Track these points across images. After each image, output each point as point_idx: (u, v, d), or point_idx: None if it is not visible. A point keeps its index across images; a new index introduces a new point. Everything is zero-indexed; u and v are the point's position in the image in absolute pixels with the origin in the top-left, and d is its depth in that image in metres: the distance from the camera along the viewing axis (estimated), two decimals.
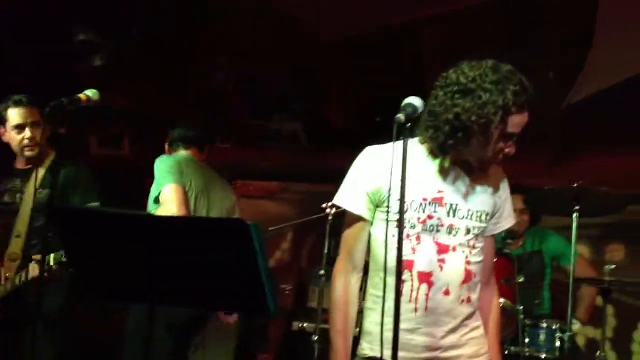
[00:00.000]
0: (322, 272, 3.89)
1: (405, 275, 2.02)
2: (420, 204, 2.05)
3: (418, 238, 2.04)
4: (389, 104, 4.66)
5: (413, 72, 4.80)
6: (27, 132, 3.29)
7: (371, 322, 2.12)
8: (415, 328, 2.04)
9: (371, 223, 2.11)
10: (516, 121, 1.99)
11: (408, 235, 2.03)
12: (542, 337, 3.95)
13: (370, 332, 2.11)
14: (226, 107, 5.42)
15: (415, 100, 1.98)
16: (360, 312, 2.24)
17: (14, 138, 3.31)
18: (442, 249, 2.05)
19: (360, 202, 2.09)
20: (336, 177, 5.23)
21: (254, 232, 1.89)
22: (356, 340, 2.21)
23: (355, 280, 2.14)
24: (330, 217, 3.86)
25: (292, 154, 5.48)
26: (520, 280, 3.71)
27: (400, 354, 1.85)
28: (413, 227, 2.04)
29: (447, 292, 2.05)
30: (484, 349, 2.15)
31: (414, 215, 2.04)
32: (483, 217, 2.11)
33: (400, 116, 1.89)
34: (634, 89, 4.47)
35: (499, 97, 1.94)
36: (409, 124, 1.92)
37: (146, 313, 2.24)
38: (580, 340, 5.03)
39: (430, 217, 2.05)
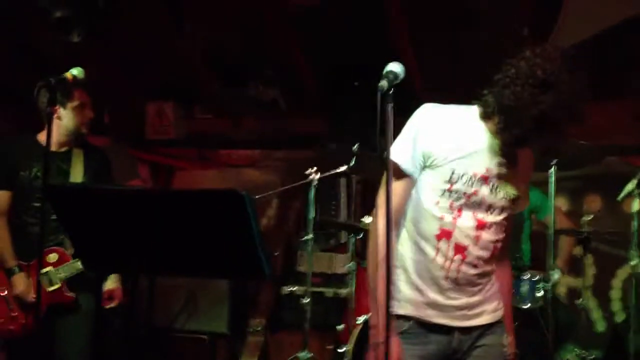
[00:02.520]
0: (309, 237, 3.96)
1: (443, 244, 2.11)
2: (470, 179, 2.10)
3: (460, 211, 2.10)
4: (362, 69, 4.73)
5: (380, 36, 4.82)
6: (89, 112, 3.35)
7: (402, 281, 2.19)
8: (444, 291, 2.14)
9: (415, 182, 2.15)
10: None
11: (452, 206, 2.10)
12: (524, 288, 4.08)
13: (401, 291, 2.18)
14: (195, 77, 5.40)
15: (396, 67, 2.03)
16: None
17: (73, 117, 3.31)
18: (480, 225, 2.13)
19: (410, 160, 2.12)
20: (316, 143, 5.29)
21: (247, 201, 1.97)
22: None
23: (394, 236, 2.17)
24: (315, 183, 3.91)
25: (271, 121, 5.49)
26: None
27: (432, 312, 2.12)
28: (458, 199, 2.10)
29: (475, 265, 2.15)
30: (500, 305, 2.28)
31: (462, 188, 2.09)
32: (514, 199, 2.18)
33: (383, 84, 1.94)
34: (606, 42, 4.54)
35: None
36: (392, 90, 1.98)
37: None
38: (562, 290, 5.21)
39: (475, 193, 2.11)
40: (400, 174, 2.14)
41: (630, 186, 3.82)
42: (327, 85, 5.11)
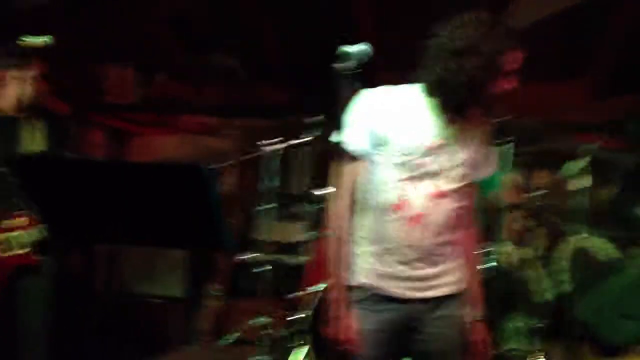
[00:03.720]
0: (270, 206, 4.03)
1: (402, 214, 2.17)
2: (422, 150, 2.18)
3: (417, 181, 2.17)
4: (325, 41, 4.74)
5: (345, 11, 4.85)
6: (45, 84, 3.31)
7: (362, 253, 2.27)
8: (408, 261, 2.21)
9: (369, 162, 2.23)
10: (512, 58, 2.12)
11: (408, 178, 2.17)
12: None
13: (359, 262, 2.26)
14: (157, 42, 5.35)
15: (362, 47, 2.10)
16: None
17: (29, 86, 3.26)
18: (438, 194, 2.19)
19: (363, 141, 2.20)
20: (275, 113, 5.32)
21: (207, 174, 2.02)
22: None
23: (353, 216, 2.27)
24: (280, 153, 3.97)
25: (230, 90, 5.48)
26: None
27: (399, 283, 2.18)
28: (413, 170, 2.17)
29: (437, 234, 2.21)
30: (463, 277, 2.33)
31: (415, 160, 2.17)
32: (473, 164, 2.25)
33: (349, 64, 2.01)
34: (562, 23, 4.67)
35: (497, 44, 2.08)
36: (352, 73, 2.04)
37: None
38: (511, 261, 5.39)
39: (429, 163, 2.18)
40: (355, 155, 2.23)
41: (579, 164, 3.98)
42: (291, 56, 5.12)
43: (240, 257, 4.80)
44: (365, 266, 2.25)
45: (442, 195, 2.20)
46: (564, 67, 4.73)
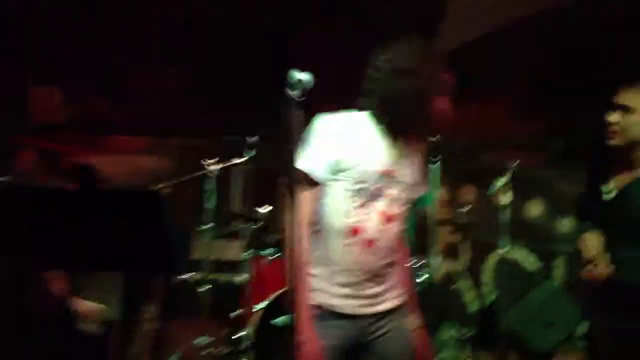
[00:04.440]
0: (208, 226, 4.07)
1: (354, 239, 2.28)
2: (374, 176, 2.28)
3: (367, 207, 2.28)
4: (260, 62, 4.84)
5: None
6: None
7: (316, 275, 2.34)
8: (359, 282, 2.32)
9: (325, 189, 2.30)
10: (446, 79, 2.28)
11: (360, 204, 2.26)
12: None
13: (313, 283, 2.33)
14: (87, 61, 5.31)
15: (305, 76, 2.20)
16: None
17: None
18: (387, 218, 2.31)
19: (321, 169, 2.27)
20: (210, 131, 5.34)
21: (163, 200, 2.07)
22: None
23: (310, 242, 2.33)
24: (216, 174, 4.02)
25: (165, 109, 5.49)
26: None
27: (350, 302, 2.29)
28: (365, 196, 2.27)
29: (384, 256, 2.34)
30: (402, 290, 2.47)
31: (368, 186, 2.27)
32: (412, 187, 2.39)
33: (295, 92, 2.10)
34: (486, 45, 4.94)
35: (432, 66, 2.25)
36: (302, 99, 2.14)
37: None
38: (439, 274, 5.61)
39: (380, 188, 2.29)
40: (312, 182, 2.29)
41: (502, 180, 4.21)
42: (224, 76, 5.18)
43: (180, 277, 4.80)
44: (318, 287, 2.34)
45: (391, 219, 2.33)
46: (485, 87, 4.99)
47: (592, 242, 2.77)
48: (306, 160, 2.29)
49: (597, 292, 2.76)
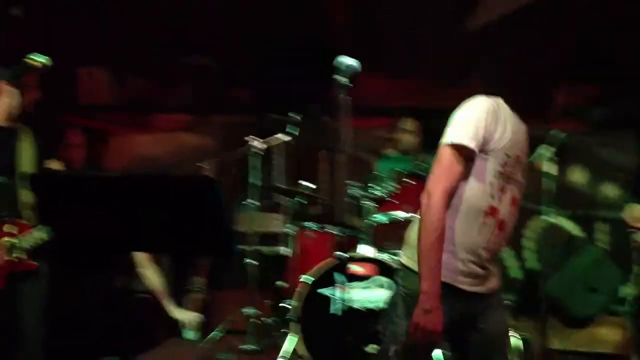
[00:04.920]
0: (253, 201, 4.18)
1: (490, 220, 2.31)
2: (514, 161, 2.34)
3: (505, 190, 2.32)
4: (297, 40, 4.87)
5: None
6: (35, 92, 3.45)
7: (445, 251, 2.30)
8: (482, 261, 2.35)
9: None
10: None
11: (500, 187, 2.30)
12: None
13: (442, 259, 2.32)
14: (129, 42, 5.42)
15: (352, 61, 2.26)
16: None
17: (19, 95, 3.38)
18: (514, 202, 2.37)
19: (478, 143, 2.26)
20: (249, 110, 5.42)
21: (217, 186, 2.17)
22: None
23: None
24: (257, 150, 4.11)
25: (205, 87, 5.59)
26: None
27: (466, 280, 2.32)
28: (505, 180, 2.31)
29: (507, 238, 2.40)
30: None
31: (509, 170, 2.31)
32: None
33: (341, 79, 2.18)
34: (527, 16, 4.88)
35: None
36: (350, 83, 2.21)
37: None
38: None
39: (515, 173, 2.35)
40: (466, 158, 2.29)
41: (543, 149, 4.22)
42: (261, 54, 5.25)
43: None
44: (446, 264, 2.31)
45: (516, 203, 2.39)
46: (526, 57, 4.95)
47: (637, 212, 2.80)
48: (462, 134, 2.28)
49: None
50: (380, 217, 4.06)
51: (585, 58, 5.02)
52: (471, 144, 2.25)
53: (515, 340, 4.18)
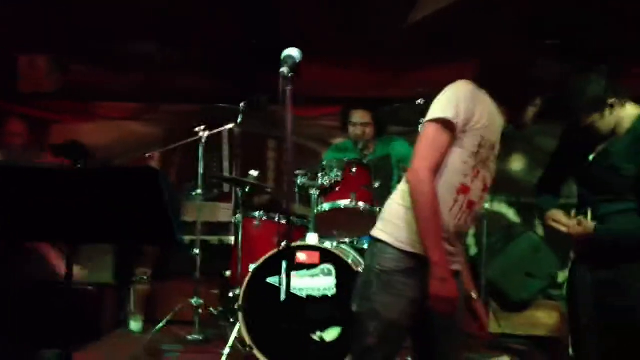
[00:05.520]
0: (199, 190, 4.19)
1: (460, 197, 2.39)
2: (490, 146, 2.41)
3: (477, 172, 2.40)
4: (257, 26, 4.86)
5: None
6: None
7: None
8: (450, 237, 2.41)
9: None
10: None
11: (473, 167, 2.38)
12: None
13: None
14: (73, 29, 5.31)
15: (294, 52, 2.30)
16: None
17: None
18: (485, 187, 2.46)
19: (460, 118, 2.33)
20: (197, 98, 5.40)
21: (160, 176, 2.18)
22: None
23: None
24: (204, 140, 4.11)
25: (152, 75, 5.53)
26: (376, 186, 4.18)
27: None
28: (478, 162, 2.39)
29: (473, 220, 2.47)
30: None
31: (484, 152, 2.39)
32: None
33: (284, 70, 2.22)
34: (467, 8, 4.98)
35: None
36: (292, 74, 2.25)
37: None
38: None
39: (489, 158, 2.43)
40: (450, 131, 2.36)
41: None
42: (211, 40, 5.22)
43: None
44: (417, 236, 2.37)
45: (486, 188, 2.48)
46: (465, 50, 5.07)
47: (559, 216, 2.92)
48: (445, 110, 2.35)
49: (581, 246, 2.89)
50: (327, 206, 4.12)
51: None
52: (454, 118, 2.33)
53: None
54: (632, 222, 2.71)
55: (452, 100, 2.37)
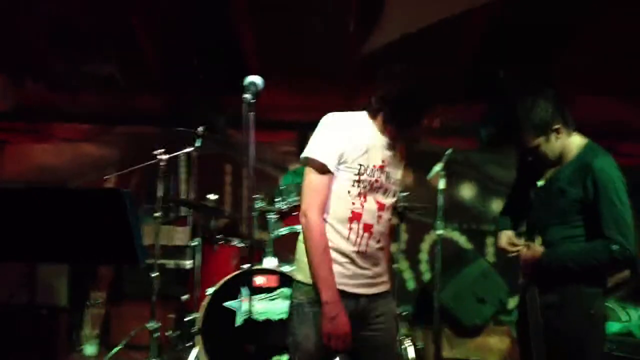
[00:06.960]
0: (158, 214, 4.18)
1: (354, 225, 2.54)
2: (372, 170, 2.55)
3: (366, 197, 2.55)
4: (203, 49, 4.91)
5: (221, 16, 5.07)
6: None
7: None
8: (357, 263, 2.57)
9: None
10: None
11: (359, 194, 2.53)
12: None
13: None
14: (29, 48, 5.27)
15: (256, 79, 2.40)
16: None
17: None
18: (380, 207, 2.59)
19: (332, 159, 2.51)
20: (154, 120, 5.40)
21: (126, 197, 2.21)
22: None
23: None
24: (163, 163, 4.11)
25: (109, 97, 5.51)
26: None
27: (351, 281, 2.54)
28: (365, 187, 2.54)
29: (378, 241, 2.62)
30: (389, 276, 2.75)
31: (367, 178, 2.54)
32: (399, 183, 2.69)
33: (247, 96, 2.31)
34: (429, 37, 5.14)
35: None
36: (255, 100, 2.34)
37: None
38: None
39: (377, 181, 2.57)
40: (325, 171, 2.52)
41: (438, 167, 4.45)
42: (169, 63, 5.25)
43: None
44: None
45: (383, 208, 2.61)
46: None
47: (510, 238, 3.02)
48: (319, 151, 2.52)
49: (528, 269, 2.98)
50: (284, 230, 4.17)
51: (480, 78, 5.35)
52: (327, 160, 2.51)
53: (410, 349, 4.40)
54: (578, 247, 2.82)
55: (324, 140, 2.54)
